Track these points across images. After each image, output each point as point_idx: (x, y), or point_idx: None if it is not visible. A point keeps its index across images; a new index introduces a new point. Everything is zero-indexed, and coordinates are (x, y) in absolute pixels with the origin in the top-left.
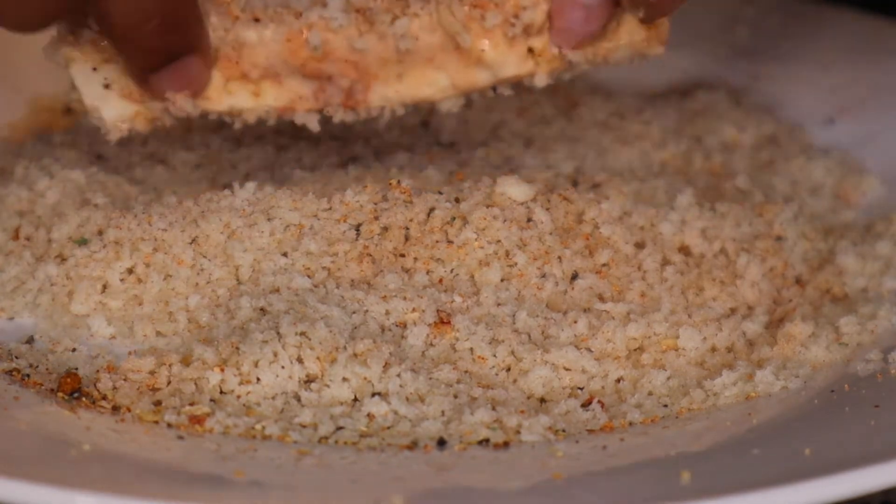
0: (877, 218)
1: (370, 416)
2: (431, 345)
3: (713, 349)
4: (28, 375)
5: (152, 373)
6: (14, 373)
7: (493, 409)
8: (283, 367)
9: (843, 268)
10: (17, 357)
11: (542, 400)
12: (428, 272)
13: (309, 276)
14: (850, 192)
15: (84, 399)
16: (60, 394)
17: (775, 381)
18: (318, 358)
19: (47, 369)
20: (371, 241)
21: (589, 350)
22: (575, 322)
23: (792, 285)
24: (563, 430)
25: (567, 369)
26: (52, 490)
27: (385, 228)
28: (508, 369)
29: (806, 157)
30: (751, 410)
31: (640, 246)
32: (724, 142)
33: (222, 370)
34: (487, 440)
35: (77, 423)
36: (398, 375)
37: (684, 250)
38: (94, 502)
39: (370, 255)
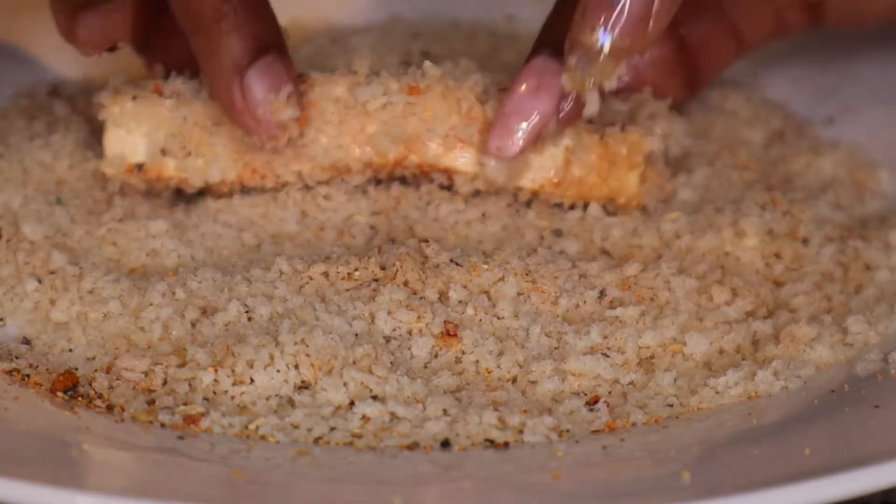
0: (890, 212)
1: (365, 418)
2: (436, 356)
3: (721, 351)
4: (28, 375)
5: (146, 373)
6: (14, 373)
7: (496, 409)
8: (278, 371)
9: (867, 262)
10: (17, 357)
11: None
12: (439, 291)
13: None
14: (865, 184)
15: (80, 398)
16: (60, 394)
17: (775, 382)
18: (312, 365)
19: (47, 369)
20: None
21: (604, 356)
22: (588, 333)
23: (810, 286)
24: (568, 431)
25: (577, 375)
26: (52, 490)
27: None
28: (515, 380)
29: (815, 152)
30: (751, 410)
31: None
32: (735, 138)
33: (216, 371)
34: (492, 441)
35: (77, 423)
36: (396, 381)
37: (706, 254)
38: (94, 502)
39: (376, 281)
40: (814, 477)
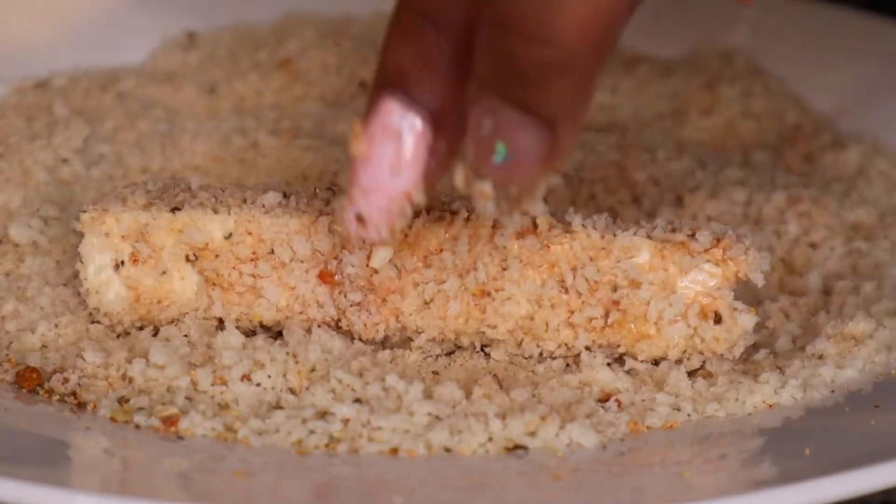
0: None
1: (345, 421)
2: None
3: (745, 361)
4: None
5: (114, 367)
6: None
7: (500, 411)
8: (269, 377)
9: (878, 262)
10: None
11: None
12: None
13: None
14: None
15: (46, 394)
16: (49, 394)
17: (801, 393)
18: (298, 373)
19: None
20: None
21: (621, 369)
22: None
23: (841, 286)
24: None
25: (593, 385)
26: (52, 490)
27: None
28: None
29: (839, 146)
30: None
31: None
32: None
33: (195, 370)
34: (497, 441)
35: (77, 423)
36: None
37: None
38: (94, 502)
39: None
40: (814, 477)
